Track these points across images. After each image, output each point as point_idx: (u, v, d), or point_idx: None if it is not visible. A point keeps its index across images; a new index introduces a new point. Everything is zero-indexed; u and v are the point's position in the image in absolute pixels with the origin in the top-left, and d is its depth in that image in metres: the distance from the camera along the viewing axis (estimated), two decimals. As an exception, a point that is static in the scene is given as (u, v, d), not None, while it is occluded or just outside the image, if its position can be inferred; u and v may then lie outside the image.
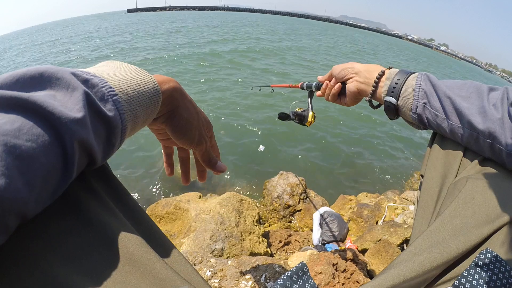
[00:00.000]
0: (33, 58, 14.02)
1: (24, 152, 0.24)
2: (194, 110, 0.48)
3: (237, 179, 3.68)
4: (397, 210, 2.35)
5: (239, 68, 9.40)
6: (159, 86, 0.41)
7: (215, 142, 0.59)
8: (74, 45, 16.34)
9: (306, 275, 0.42)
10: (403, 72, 0.66)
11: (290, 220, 2.53)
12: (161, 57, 10.78)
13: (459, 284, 0.40)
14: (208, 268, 1.16)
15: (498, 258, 0.40)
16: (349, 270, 1.27)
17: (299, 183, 2.65)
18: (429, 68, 24.37)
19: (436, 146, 0.64)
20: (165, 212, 1.87)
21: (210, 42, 15.29)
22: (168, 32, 20.28)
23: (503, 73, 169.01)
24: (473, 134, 0.55)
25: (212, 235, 1.60)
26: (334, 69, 0.81)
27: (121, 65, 0.40)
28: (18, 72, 0.28)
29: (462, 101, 0.56)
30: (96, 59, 11.15)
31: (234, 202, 1.88)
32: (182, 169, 0.60)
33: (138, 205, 0.41)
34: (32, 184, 0.25)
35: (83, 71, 0.33)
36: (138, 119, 0.38)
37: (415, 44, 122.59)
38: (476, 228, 0.44)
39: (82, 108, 0.29)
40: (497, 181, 0.51)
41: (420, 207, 0.58)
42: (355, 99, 0.79)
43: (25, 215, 0.25)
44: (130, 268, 0.30)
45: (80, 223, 0.31)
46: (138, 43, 14.94)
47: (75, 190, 0.33)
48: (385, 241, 1.73)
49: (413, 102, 0.63)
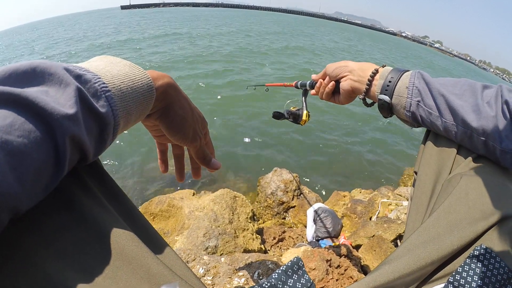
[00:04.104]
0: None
1: (16, 147, 0.24)
2: (189, 106, 0.48)
3: (231, 176, 3.68)
4: (391, 206, 2.37)
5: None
6: (153, 82, 0.41)
7: (209, 139, 0.59)
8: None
9: (301, 270, 0.42)
10: (397, 70, 0.66)
11: (284, 217, 2.54)
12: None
13: (454, 280, 0.40)
14: (201, 266, 1.15)
15: (492, 254, 0.40)
16: (343, 266, 1.28)
17: (293, 179, 2.66)
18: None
19: (430, 143, 0.64)
20: (158, 210, 1.85)
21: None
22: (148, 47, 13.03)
23: (497, 70, 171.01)
24: (467, 131, 0.56)
25: (205, 232, 1.59)
26: (328, 68, 0.80)
27: (115, 60, 0.40)
28: (10, 67, 0.28)
29: (456, 99, 0.56)
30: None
31: (228, 199, 1.88)
32: (176, 166, 0.59)
33: (131, 202, 0.41)
34: (23, 180, 0.25)
35: (76, 66, 0.33)
36: (131, 115, 0.38)
37: (409, 41, 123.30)
38: (471, 225, 0.44)
39: (74, 104, 0.29)
40: (491, 178, 0.51)
41: (414, 203, 0.58)
42: (349, 98, 0.79)
43: (16, 211, 0.25)
44: (121, 263, 0.31)
45: (73, 219, 0.31)
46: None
47: (68, 187, 0.33)
48: (378, 237, 1.74)
49: (407, 100, 0.63)
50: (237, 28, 23.92)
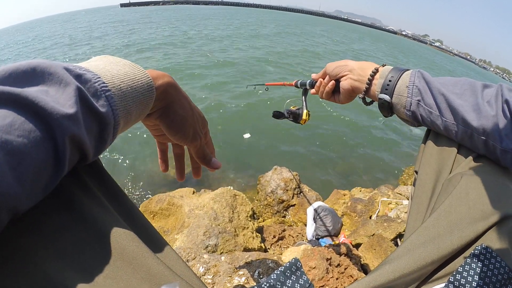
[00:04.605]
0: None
1: (15, 147, 0.24)
2: (189, 106, 0.48)
3: (231, 174, 3.68)
4: (391, 205, 2.37)
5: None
6: (153, 81, 0.41)
7: (210, 139, 0.59)
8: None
9: (300, 271, 0.42)
10: (397, 69, 0.66)
11: (284, 215, 2.54)
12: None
13: (454, 280, 0.40)
14: (201, 264, 1.15)
15: (493, 254, 0.40)
16: (343, 264, 1.28)
17: (293, 178, 2.66)
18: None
19: (430, 143, 0.64)
20: (158, 208, 1.86)
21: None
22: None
23: (497, 69, 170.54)
24: (467, 131, 0.55)
25: (205, 231, 1.59)
26: (328, 67, 0.80)
27: (115, 60, 0.40)
28: (10, 67, 0.28)
29: (456, 98, 0.56)
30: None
31: (228, 197, 1.88)
32: (176, 165, 0.59)
33: (131, 201, 0.41)
34: (23, 179, 0.25)
35: (76, 66, 0.33)
36: (131, 115, 0.37)
37: (409, 39, 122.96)
38: (471, 224, 0.44)
39: (74, 104, 0.29)
40: (492, 178, 0.51)
41: (414, 203, 0.58)
42: (349, 97, 0.79)
43: (16, 211, 0.25)
44: (121, 263, 0.31)
45: (73, 219, 0.31)
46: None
47: (68, 187, 0.33)
48: (378, 236, 1.75)
49: (407, 99, 0.63)
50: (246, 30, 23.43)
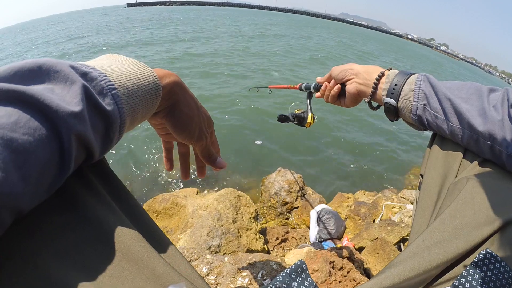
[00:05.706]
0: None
1: (21, 145, 0.24)
2: (195, 105, 0.48)
3: (235, 175, 3.68)
4: (395, 209, 2.35)
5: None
6: (160, 80, 0.41)
7: (215, 138, 0.59)
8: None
9: (305, 273, 0.42)
10: (403, 73, 0.66)
11: (288, 217, 2.54)
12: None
13: (459, 284, 0.40)
14: (204, 265, 1.15)
15: (497, 258, 0.40)
16: (346, 268, 1.28)
17: (297, 180, 2.65)
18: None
19: (436, 147, 0.64)
20: (162, 208, 1.86)
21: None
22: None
23: (502, 74, 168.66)
24: (473, 135, 0.55)
25: (209, 231, 1.60)
26: (333, 70, 0.80)
27: (121, 58, 0.40)
28: (16, 65, 0.28)
29: (462, 103, 0.56)
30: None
31: (232, 198, 1.88)
32: (181, 165, 0.59)
33: (136, 201, 0.40)
34: (28, 179, 0.24)
35: (82, 64, 0.33)
36: (137, 113, 0.37)
37: (415, 43, 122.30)
38: (477, 229, 0.44)
39: (80, 102, 0.29)
40: (497, 182, 0.51)
41: (420, 206, 0.58)
42: (355, 101, 0.78)
43: (20, 210, 0.25)
44: (126, 264, 0.30)
45: (77, 219, 0.31)
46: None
47: (72, 186, 0.32)
48: (382, 240, 1.73)
49: (413, 103, 0.63)
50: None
